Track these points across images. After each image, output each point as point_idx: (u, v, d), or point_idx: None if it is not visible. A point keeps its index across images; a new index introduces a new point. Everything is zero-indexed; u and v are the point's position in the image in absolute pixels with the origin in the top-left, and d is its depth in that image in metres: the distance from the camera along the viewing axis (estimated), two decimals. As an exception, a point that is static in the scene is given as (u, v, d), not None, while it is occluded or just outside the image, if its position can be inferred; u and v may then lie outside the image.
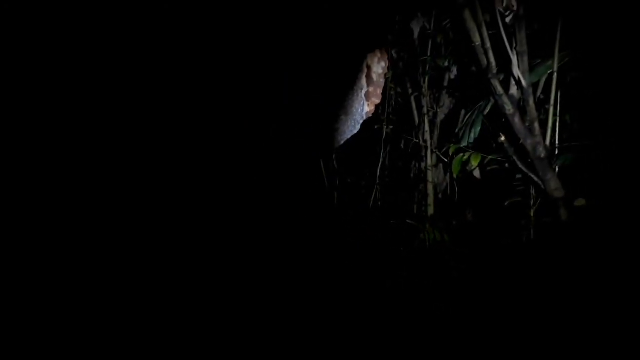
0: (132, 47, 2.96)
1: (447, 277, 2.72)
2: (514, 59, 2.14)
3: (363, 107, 2.84)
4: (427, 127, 3.14)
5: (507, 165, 2.55)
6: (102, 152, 3.06)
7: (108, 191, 3.03)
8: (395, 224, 3.15)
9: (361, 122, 2.89)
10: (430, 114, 3.16)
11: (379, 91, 2.88)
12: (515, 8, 2.17)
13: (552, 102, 2.30)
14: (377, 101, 2.88)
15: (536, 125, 2.20)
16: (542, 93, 2.45)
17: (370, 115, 2.92)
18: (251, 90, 3.07)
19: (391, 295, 2.62)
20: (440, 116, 3.13)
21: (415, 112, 3.21)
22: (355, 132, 2.96)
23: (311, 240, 3.17)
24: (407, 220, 3.12)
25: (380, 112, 3.27)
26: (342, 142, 3.00)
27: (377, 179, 3.38)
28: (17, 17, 2.82)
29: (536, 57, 2.29)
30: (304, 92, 2.98)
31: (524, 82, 2.15)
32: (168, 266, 2.81)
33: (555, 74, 2.25)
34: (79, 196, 3.01)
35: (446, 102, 3.15)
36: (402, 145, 3.37)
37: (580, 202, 2.25)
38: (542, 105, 2.46)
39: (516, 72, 2.15)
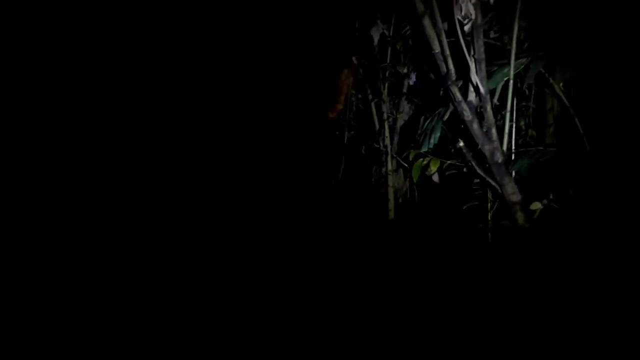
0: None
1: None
2: (472, 66, 2.19)
3: (326, 112, 2.86)
4: (387, 133, 3.18)
5: (465, 170, 2.60)
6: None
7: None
8: (356, 228, 3.18)
9: (324, 125, 2.92)
10: (390, 119, 3.20)
11: (342, 97, 2.91)
12: (473, 16, 2.23)
13: (508, 108, 2.37)
14: (340, 106, 2.91)
15: (493, 130, 2.26)
16: (499, 100, 2.52)
17: (334, 119, 2.95)
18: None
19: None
20: (400, 122, 3.18)
21: (376, 118, 3.25)
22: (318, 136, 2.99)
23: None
24: (368, 224, 3.16)
25: (342, 117, 3.30)
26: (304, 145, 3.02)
27: (339, 184, 3.41)
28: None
29: (493, 64, 2.36)
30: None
31: (481, 89, 2.20)
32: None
33: (511, 81, 2.32)
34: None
35: (405, 108, 3.21)
36: (362, 151, 3.41)
37: (535, 205, 2.31)
38: (499, 111, 2.53)
39: (474, 78, 2.20)
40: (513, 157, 2.39)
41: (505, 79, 2.32)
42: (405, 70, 3.05)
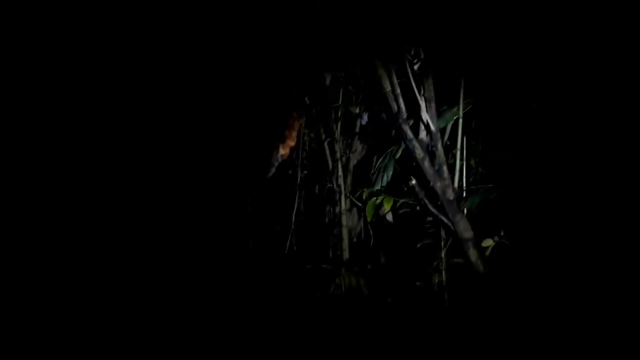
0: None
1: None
2: (423, 104, 2.23)
3: (278, 150, 2.84)
4: (340, 172, 3.18)
5: (418, 208, 2.61)
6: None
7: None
8: (310, 269, 3.12)
9: (276, 164, 2.89)
10: (343, 159, 3.21)
11: (294, 134, 2.90)
12: (422, 57, 2.28)
13: (458, 146, 2.41)
14: (292, 144, 2.90)
15: (445, 168, 2.29)
16: (449, 139, 2.56)
17: (285, 159, 2.93)
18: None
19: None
20: (353, 161, 3.19)
21: (329, 157, 3.25)
22: (270, 175, 2.96)
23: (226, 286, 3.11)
24: (323, 265, 3.11)
25: (294, 156, 3.29)
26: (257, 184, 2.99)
27: (292, 224, 3.36)
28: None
29: (443, 104, 2.40)
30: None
31: (432, 127, 2.23)
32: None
33: (461, 120, 2.36)
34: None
35: (358, 147, 3.22)
36: (316, 190, 3.39)
37: (487, 242, 2.34)
38: (449, 150, 2.57)
39: (425, 116, 2.23)
40: (464, 195, 2.42)
41: (455, 117, 2.37)
42: (357, 110, 3.08)
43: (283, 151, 2.86)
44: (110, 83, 3.03)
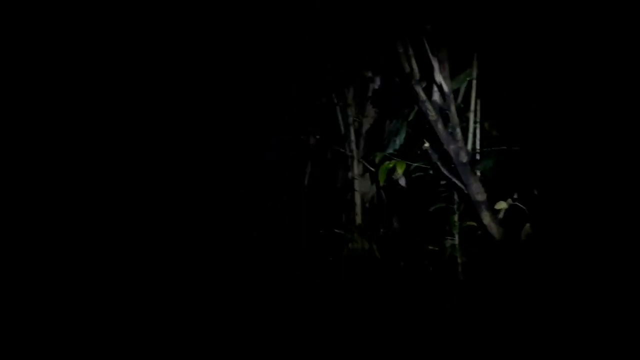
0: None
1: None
2: (436, 65, 2.20)
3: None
4: (352, 137, 3.17)
5: (431, 172, 2.60)
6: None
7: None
8: (323, 234, 3.14)
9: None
10: (356, 123, 3.19)
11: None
12: (435, 19, 2.23)
13: (472, 108, 2.38)
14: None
15: (458, 130, 2.26)
16: (462, 102, 2.53)
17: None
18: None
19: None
20: (366, 126, 3.17)
21: (341, 122, 3.23)
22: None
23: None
24: (336, 230, 3.12)
25: (307, 122, 3.28)
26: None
27: (304, 190, 3.37)
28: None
29: (457, 66, 2.36)
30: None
31: (445, 88, 2.21)
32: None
33: (475, 82, 2.33)
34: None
35: (371, 112, 3.19)
36: (328, 155, 3.38)
37: (500, 205, 2.32)
38: (463, 113, 2.53)
39: (438, 78, 2.20)
40: (478, 157, 2.40)
41: (468, 79, 2.33)
42: (370, 74, 3.04)
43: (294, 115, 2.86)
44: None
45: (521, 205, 2.31)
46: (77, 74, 2.99)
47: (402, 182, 2.88)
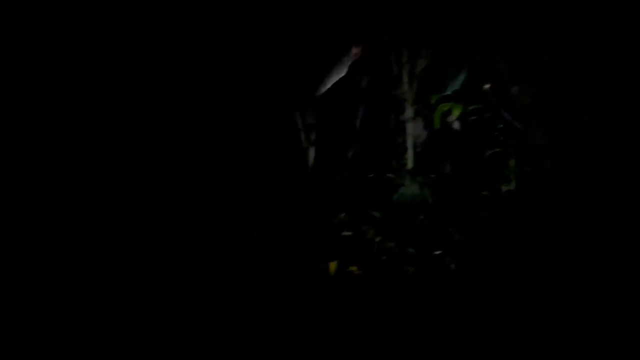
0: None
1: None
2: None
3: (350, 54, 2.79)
4: (405, 78, 3.07)
5: (487, 115, 2.52)
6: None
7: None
8: (373, 178, 3.11)
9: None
10: (409, 65, 3.09)
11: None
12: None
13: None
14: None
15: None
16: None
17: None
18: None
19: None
20: (421, 66, 3.07)
21: (394, 63, 3.13)
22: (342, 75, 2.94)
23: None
24: (387, 174, 3.09)
25: (360, 64, 3.20)
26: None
27: (356, 132, 3.32)
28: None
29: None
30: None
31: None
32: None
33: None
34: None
35: (425, 52, 3.08)
36: (380, 98, 3.30)
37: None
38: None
39: (503, 15, 2.09)
40: (541, 100, 2.30)
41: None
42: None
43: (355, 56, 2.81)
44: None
45: (584, 152, 2.22)
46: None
47: (457, 125, 2.82)
